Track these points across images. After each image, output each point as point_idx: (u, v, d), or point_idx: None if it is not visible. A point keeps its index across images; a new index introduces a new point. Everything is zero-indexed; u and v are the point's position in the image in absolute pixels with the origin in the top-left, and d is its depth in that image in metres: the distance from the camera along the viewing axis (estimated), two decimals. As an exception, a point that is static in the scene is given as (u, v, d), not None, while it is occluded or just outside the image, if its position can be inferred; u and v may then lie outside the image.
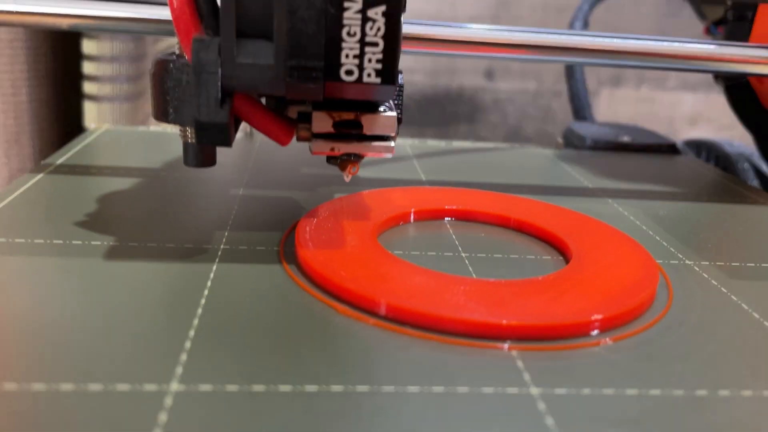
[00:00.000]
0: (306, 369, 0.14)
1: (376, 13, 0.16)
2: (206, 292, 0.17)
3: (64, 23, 0.24)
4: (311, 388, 0.13)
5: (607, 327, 0.16)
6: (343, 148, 0.19)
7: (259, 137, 0.32)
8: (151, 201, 0.23)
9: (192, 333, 0.15)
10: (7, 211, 0.21)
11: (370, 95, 0.17)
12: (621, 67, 0.27)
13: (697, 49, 0.27)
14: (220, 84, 0.16)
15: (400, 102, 0.20)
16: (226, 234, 0.20)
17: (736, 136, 0.46)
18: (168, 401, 0.12)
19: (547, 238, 0.21)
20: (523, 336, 0.15)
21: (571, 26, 0.45)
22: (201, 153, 0.19)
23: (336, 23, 0.16)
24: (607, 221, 0.23)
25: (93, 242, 0.19)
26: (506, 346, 0.15)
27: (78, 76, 0.43)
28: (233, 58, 0.16)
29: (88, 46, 0.42)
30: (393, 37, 0.16)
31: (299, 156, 0.29)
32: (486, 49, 0.25)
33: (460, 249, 0.20)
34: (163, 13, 0.24)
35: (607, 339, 0.16)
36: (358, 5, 0.16)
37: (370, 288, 0.16)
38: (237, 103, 0.18)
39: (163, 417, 0.12)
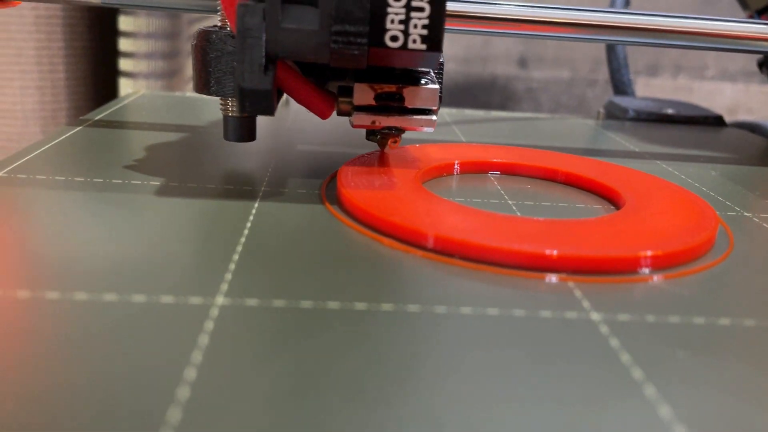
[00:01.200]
0: (354, 289, 0.13)
1: None
2: (249, 223, 0.16)
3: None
4: (360, 305, 0.13)
5: (666, 264, 0.15)
6: (384, 121, 0.18)
7: (296, 106, 0.32)
8: (188, 151, 0.22)
9: (236, 257, 0.14)
10: (48, 154, 0.21)
11: (414, 62, 0.17)
12: (664, 46, 0.26)
13: (745, 28, 0.26)
14: (264, 50, 0.16)
15: (440, 80, 0.19)
16: (267, 178, 0.20)
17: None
18: (214, 312, 0.12)
19: (598, 190, 0.21)
20: (577, 268, 0.15)
21: (612, 4, 0.44)
22: (241, 127, 0.19)
23: None
24: (657, 177, 0.22)
25: (133, 181, 0.19)
26: (561, 276, 0.14)
27: (114, 53, 0.43)
28: (278, 23, 0.15)
29: (124, 23, 0.42)
30: (439, 2, 0.15)
31: (337, 121, 0.29)
32: (527, 27, 0.25)
33: (506, 197, 0.20)
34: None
35: (668, 275, 0.15)
36: None
37: (417, 221, 0.16)
38: (280, 74, 0.17)
39: (209, 325, 0.11)
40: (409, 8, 0.15)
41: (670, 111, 0.35)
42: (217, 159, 0.22)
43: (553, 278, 0.14)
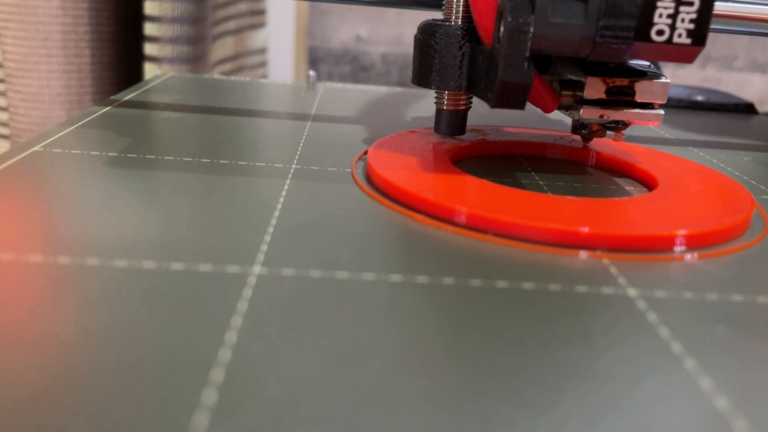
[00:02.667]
0: (389, 261, 0.13)
1: None
2: (282, 198, 0.16)
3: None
4: (396, 277, 0.13)
5: (702, 243, 0.15)
6: (612, 115, 0.18)
7: (321, 87, 0.32)
8: (219, 130, 0.23)
9: (271, 229, 0.14)
10: (82, 131, 0.21)
11: (675, 57, 0.17)
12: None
13: None
14: (529, 44, 0.16)
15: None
16: (297, 156, 0.20)
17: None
18: (252, 280, 0.12)
19: (630, 172, 0.20)
20: (612, 246, 0.15)
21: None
22: (455, 120, 0.20)
23: None
24: (689, 161, 0.22)
25: (167, 157, 0.19)
26: (595, 254, 0.14)
27: (139, 38, 0.44)
28: (547, 18, 0.16)
29: (150, 7, 0.43)
30: None
31: (363, 102, 0.29)
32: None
33: (537, 178, 0.20)
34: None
35: (704, 254, 0.15)
36: None
37: (450, 198, 0.16)
38: None
39: (248, 292, 0.12)
40: (678, 2, 0.16)
41: (700, 98, 0.34)
42: (247, 138, 0.22)
43: (587, 255, 0.14)
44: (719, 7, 0.24)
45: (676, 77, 0.70)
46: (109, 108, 0.25)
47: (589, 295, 0.13)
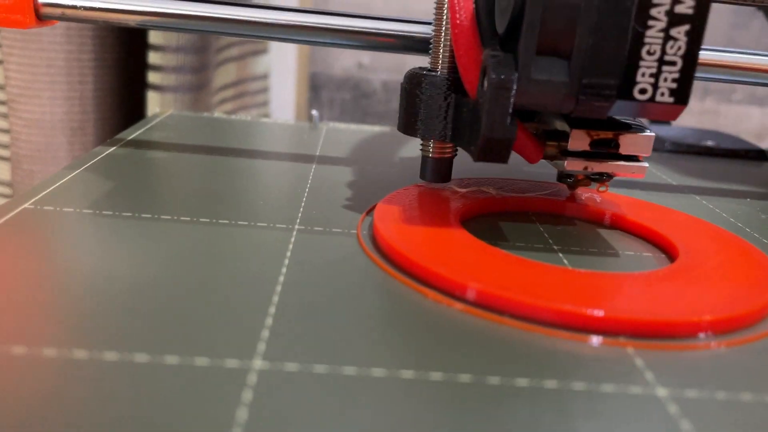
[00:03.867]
0: (400, 352, 0.12)
1: (679, 32, 0.15)
2: (284, 270, 0.15)
3: (132, 20, 0.23)
4: (407, 374, 0.12)
5: (729, 328, 0.14)
6: (596, 167, 0.18)
7: (324, 127, 0.31)
8: (219, 179, 0.22)
9: (272, 310, 0.13)
10: (77, 182, 0.20)
11: (657, 114, 0.16)
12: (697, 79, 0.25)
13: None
14: (512, 100, 0.16)
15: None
16: (300, 215, 0.19)
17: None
18: (252, 378, 0.11)
19: (647, 235, 0.20)
20: (636, 332, 0.14)
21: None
22: (440, 168, 0.20)
23: (637, 41, 0.15)
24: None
25: (163, 216, 0.18)
26: (619, 341, 0.13)
27: (143, 66, 0.43)
28: (530, 75, 0.15)
29: (154, 36, 0.42)
30: (692, 56, 0.15)
31: (366, 145, 0.28)
32: None
33: (551, 242, 0.19)
34: (229, 12, 0.23)
35: (731, 341, 0.14)
36: (663, 23, 0.15)
37: (463, 273, 0.15)
38: None
39: (248, 395, 0.11)
40: (661, 62, 0.16)
41: (710, 143, 0.33)
42: (249, 187, 0.21)
43: (610, 343, 0.13)
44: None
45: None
46: (108, 151, 0.24)
47: (616, 395, 0.12)
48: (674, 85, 0.16)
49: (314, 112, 0.31)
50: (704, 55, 0.25)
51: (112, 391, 0.10)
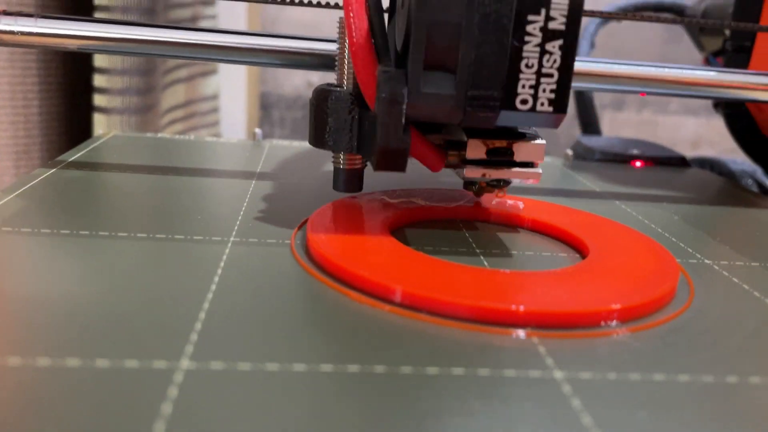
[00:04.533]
0: (321, 349, 0.13)
1: (554, 46, 0.17)
2: (216, 279, 0.16)
3: (72, 44, 0.24)
4: (326, 367, 0.13)
5: (628, 317, 0.16)
6: (494, 174, 0.19)
7: (267, 145, 0.32)
8: (158, 197, 0.22)
9: (202, 315, 0.14)
10: (16, 203, 0.20)
11: (540, 123, 0.18)
12: (623, 92, 0.27)
13: (697, 75, 0.27)
14: (404, 113, 0.17)
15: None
16: (236, 228, 0.20)
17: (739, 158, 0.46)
18: (178, 377, 0.12)
19: (562, 237, 0.21)
20: (542, 323, 0.15)
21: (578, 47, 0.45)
22: (352, 178, 0.20)
23: (516, 56, 0.17)
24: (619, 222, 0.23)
25: (101, 233, 0.19)
26: (526, 332, 0.15)
27: (88, 89, 0.43)
28: (419, 88, 0.17)
29: (99, 59, 0.42)
30: (567, 69, 0.17)
31: (306, 161, 0.29)
32: None
33: (474, 246, 0.20)
34: (172, 35, 0.24)
35: (630, 328, 0.15)
36: (538, 39, 0.17)
37: (385, 275, 0.16)
38: None
39: (173, 391, 0.11)
40: (539, 74, 0.17)
41: (635, 151, 0.36)
42: (186, 204, 0.22)
43: (519, 334, 0.15)
44: (583, 67, 0.26)
45: (615, 121, 0.73)
46: (50, 172, 0.24)
47: (516, 379, 0.13)
48: (552, 96, 0.17)
49: (257, 130, 0.32)
50: (637, 71, 0.26)
51: (43, 394, 0.11)
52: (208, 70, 0.59)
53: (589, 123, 0.42)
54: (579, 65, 0.26)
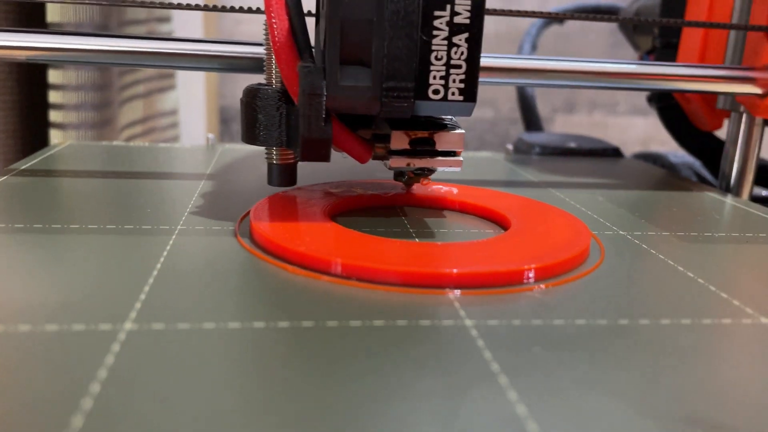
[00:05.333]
0: (254, 309, 0.15)
1: (460, 39, 0.18)
2: (162, 258, 0.17)
3: (21, 55, 0.25)
4: (259, 324, 0.14)
5: (541, 276, 0.17)
6: (418, 163, 0.21)
7: (219, 149, 0.34)
8: (110, 196, 0.23)
9: (147, 288, 0.15)
10: (-30, 206, 0.21)
11: (453, 112, 0.19)
12: (559, 87, 0.29)
13: (624, 68, 0.29)
14: (324, 104, 0.18)
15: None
16: (183, 219, 0.21)
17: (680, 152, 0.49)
18: (122, 336, 0.13)
19: (489, 216, 0.23)
20: (461, 284, 0.16)
21: (520, 49, 0.47)
22: (285, 173, 0.22)
23: (426, 49, 0.18)
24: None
25: (53, 226, 0.20)
26: (444, 291, 0.16)
27: (44, 105, 0.44)
28: (337, 82, 0.18)
29: (53, 76, 0.43)
30: (474, 60, 0.18)
31: (255, 161, 0.31)
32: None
33: (408, 226, 0.22)
34: (119, 43, 0.25)
35: (541, 285, 0.17)
36: (446, 33, 0.18)
37: (320, 250, 0.17)
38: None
39: (116, 347, 0.13)
40: (448, 66, 0.18)
41: (572, 145, 0.38)
42: (136, 202, 0.23)
43: (438, 293, 0.16)
44: (495, 62, 0.28)
45: (567, 123, 0.76)
46: (4, 178, 0.25)
47: (431, 327, 0.14)
48: (462, 86, 0.18)
49: (210, 135, 0.33)
50: (572, 65, 0.28)
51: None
52: (166, 86, 0.60)
53: (532, 121, 0.44)
54: (516, 62, 0.28)
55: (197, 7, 0.26)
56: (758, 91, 0.29)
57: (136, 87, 0.55)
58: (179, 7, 0.26)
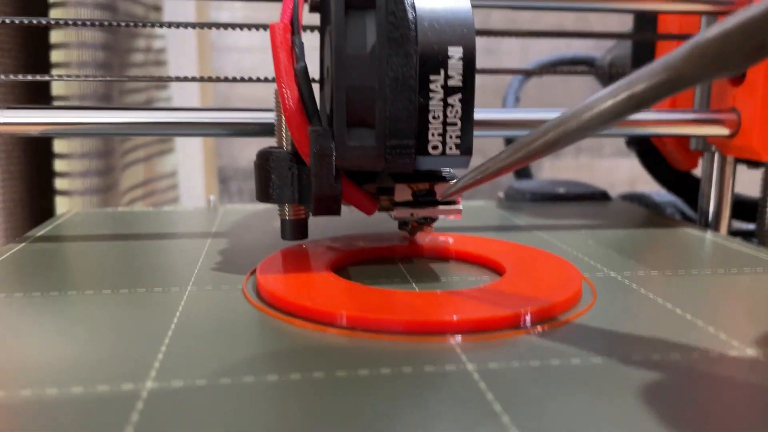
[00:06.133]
0: (267, 364, 0.15)
1: (455, 99, 0.20)
2: (176, 319, 0.18)
3: (35, 131, 0.26)
4: (272, 377, 0.15)
5: (537, 319, 0.18)
6: (420, 213, 0.22)
7: (222, 210, 0.35)
8: (120, 260, 0.24)
9: (163, 348, 0.16)
10: (-12, 276, 0.22)
11: (451, 165, 0.21)
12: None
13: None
14: (334, 164, 0.20)
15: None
16: (192, 278, 0.22)
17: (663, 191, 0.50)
18: (144, 394, 0.14)
19: (485, 263, 0.24)
20: (461, 330, 0.17)
21: (504, 102, 0.49)
22: (297, 227, 0.23)
23: (424, 110, 0.20)
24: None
25: (69, 292, 0.21)
26: (445, 338, 0.17)
27: (50, 174, 0.45)
28: (345, 143, 0.19)
29: (59, 146, 0.45)
30: (468, 117, 0.20)
31: (257, 220, 0.32)
32: None
33: (408, 276, 0.23)
34: (125, 115, 0.27)
35: (538, 328, 0.18)
36: (441, 94, 0.20)
37: (324, 302, 0.18)
38: None
39: (140, 405, 0.13)
40: (445, 124, 0.20)
41: (561, 190, 0.39)
42: (147, 264, 0.24)
43: (440, 340, 0.17)
44: (482, 116, 0.29)
45: (555, 167, 0.78)
46: (17, 247, 0.26)
47: (435, 373, 0.15)
48: (459, 141, 0.20)
49: (211, 197, 0.34)
50: (549, 116, 0.30)
51: (28, 418, 0.13)
52: (166, 149, 0.62)
53: (521, 169, 0.46)
54: (501, 115, 0.30)
55: (210, 79, 0.27)
56: (726, 132, 0.30)
57: (137, 152, 0.57)
58: (192, 79, 0.28)
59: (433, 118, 0.20)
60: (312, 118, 0.21)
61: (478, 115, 0.29)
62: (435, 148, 0.20)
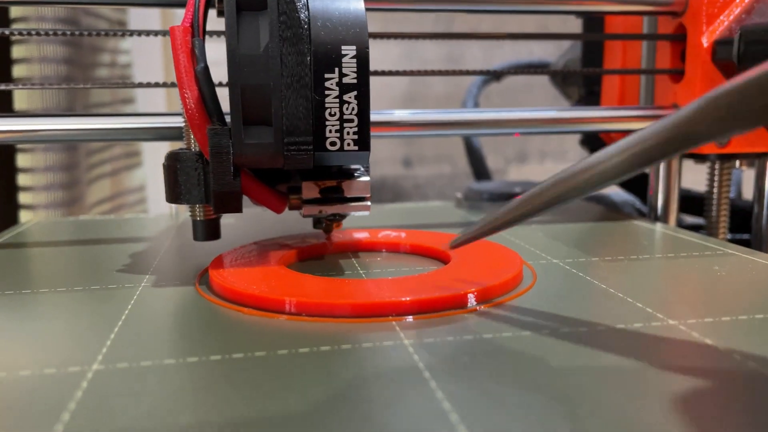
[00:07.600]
0: (211, 345, 0.16)
1: (350, 96, 0.20)
2: (127, 311, 0.19)
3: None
4: (215, 357, 0.15)
5: (479, 300, 0.19)
6: (329, 209, 0.23)
7: (183, 216, 0.35)
8: (77, 264, 0.25)
9: (112, 336, 0.17)
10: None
11: (350, 160, 0.22)
12: (499, 135, 0.32)
13: (553, 115, 0.32)
14: (232, 161, 0.20)
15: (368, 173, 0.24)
16: (147, 276, 0.23)
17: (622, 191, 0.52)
18: (89, 375, 0.14)
19: (433, 254, 0.25)
20: (402, 311, 0.18)
21: (464, 105, 0.51)
22: (209, 228, 0.23)
23: (320, 107, 0.20)
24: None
25: (24, 291, 0.21)
26: (386, 318, 0.18)
27: (13, 188, 0.46)
28: (242, 140, 0.20)
29: (22, 160, 0.45)
30: (364, 113, 0.21)
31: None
32: (404, 129, 0.30)
33: (358, 268, 0.23)
34: (85, 121, 0.27)
35: (479, 307, 0.19)
36: (336, 92, 0.20)
37: (271, 290, 0.19)
38: (242, 181, 0.22)
39: (84, 384, 0.14)
40: (342, 120, 0.20)
41: (517, 190, 0.40)
42: (103, 266, 0.24)
43: (381, 320, 0.18)
44: (439, 117, 0.31)
45: (520, 172, 0.80)
46: (-27, 255, 0.26)
47: (373, 348, 0.16)
48: (356, 137, 0.21)
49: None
50: (508, 115, 0.31)
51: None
52: (133, 164, 0.62)
53: (480, 171, 0.47)
54: (460, 115, 0.31)
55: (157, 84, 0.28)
56: (671, 127, 0.32)
57: (104, 166, 0.57)
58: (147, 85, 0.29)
59: (330, 115, 0.20)
60: (212, 118, 0.21)
61: (437, 116, 0.30)
62: (333, 144, 0.21)
